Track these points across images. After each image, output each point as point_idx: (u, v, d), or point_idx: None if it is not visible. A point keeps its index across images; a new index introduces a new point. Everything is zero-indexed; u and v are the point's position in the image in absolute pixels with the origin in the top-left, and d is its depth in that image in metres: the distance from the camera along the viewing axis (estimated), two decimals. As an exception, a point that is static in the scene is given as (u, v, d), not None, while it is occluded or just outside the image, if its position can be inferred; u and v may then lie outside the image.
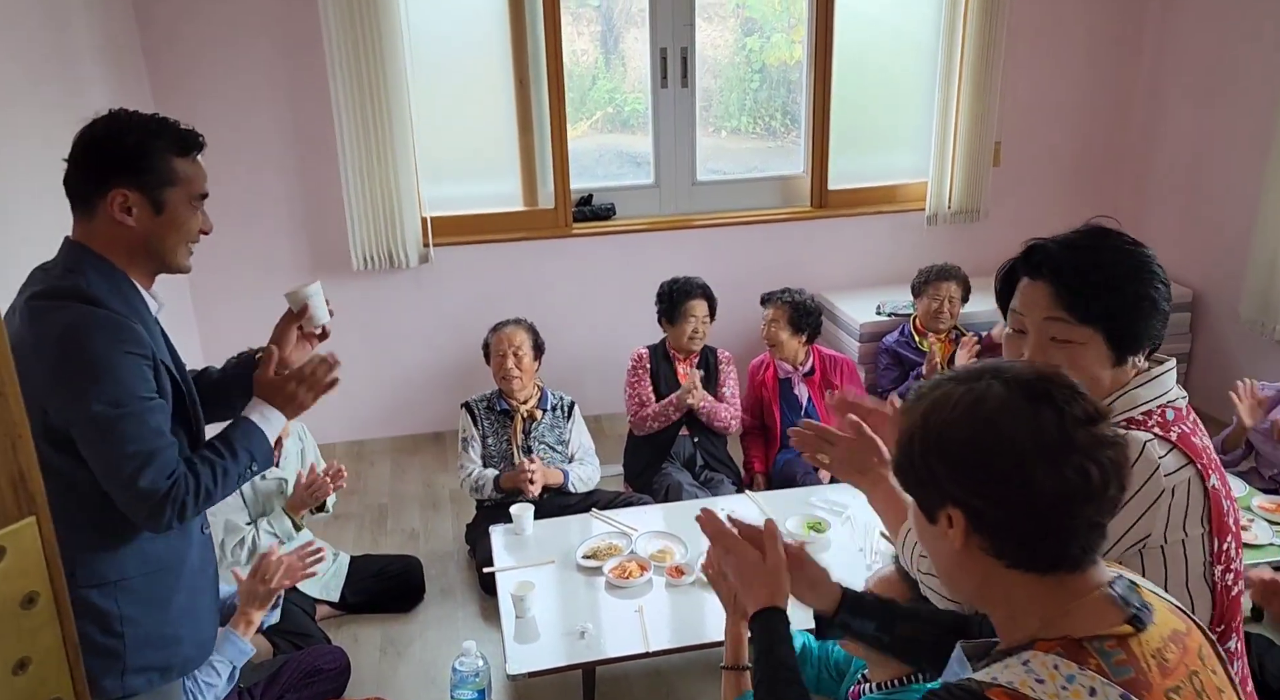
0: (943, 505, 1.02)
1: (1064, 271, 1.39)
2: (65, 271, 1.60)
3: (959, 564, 1.04)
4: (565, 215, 4.29)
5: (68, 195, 1.63)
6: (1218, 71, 4.23)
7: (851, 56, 4.38)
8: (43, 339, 1.53)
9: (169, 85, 3.77)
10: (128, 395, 1.56)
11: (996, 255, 5.48)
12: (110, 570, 1.65)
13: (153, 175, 1.60)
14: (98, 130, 1.60)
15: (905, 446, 1.05)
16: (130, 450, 1.56)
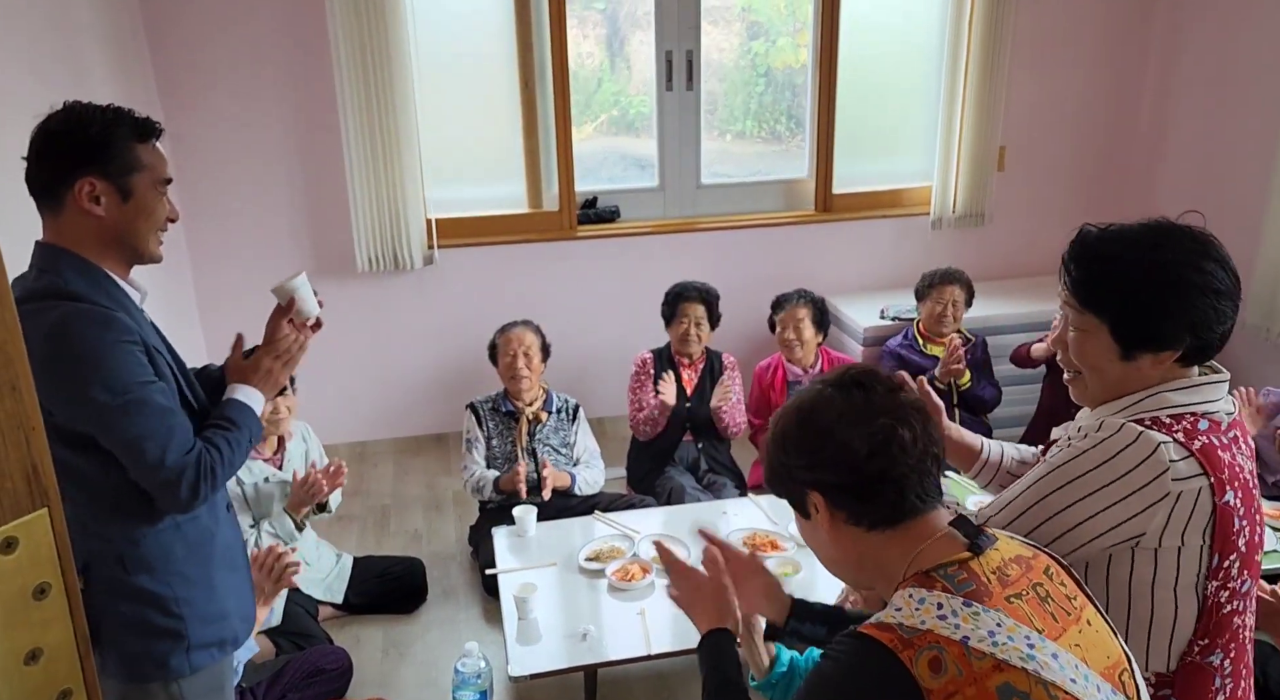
0: (804, 494, 1.22)
1: (1079, 257, 1.40)
2: (40, 272, 1.60)
3: (836, 544, 1.23)
4: (570, 218, 4.29)
5: (32, 193, 1.62)
6: (1224, 78, 4.24)
7: (856, 60, 4.39)
8: (31, 342, 1.53)
9: (175, 88, 3.78)
10: (127, 383, 1.56)
11: (1000, 260, 5.55)
12: (156, 556, 1.69)
13: (117, 162, 1.60)
14: (56, 123, 1.59)
15: (767, 459, 1.26)
16: (144, 433, 1.57)
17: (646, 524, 3.06)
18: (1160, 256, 1.35)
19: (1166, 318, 1.34)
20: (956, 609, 1.08)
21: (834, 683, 1.12)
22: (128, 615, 1.68)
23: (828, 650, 1.15)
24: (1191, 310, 1.33)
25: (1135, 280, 1.35)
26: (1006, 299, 4.39)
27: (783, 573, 2.75)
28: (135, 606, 1.68)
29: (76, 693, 0.87)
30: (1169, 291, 1.34)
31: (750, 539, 2.93)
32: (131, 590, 1.67)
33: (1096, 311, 1.38)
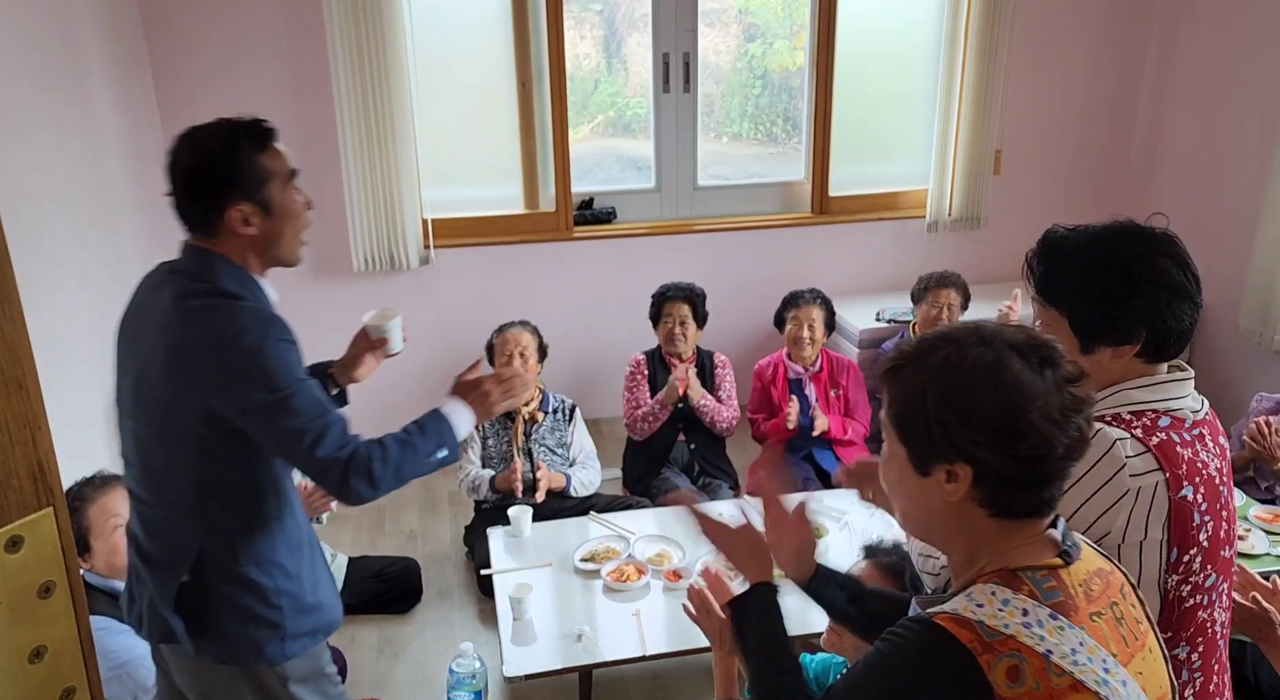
0: (949, 461, 1.08)
1: (1042, 254, 1.46)
2: (201, 271, 1.71)
3: (942, 514, 1.12)
4: (566, 218, 4.30)
5: (184, 220, 1.73)
6: (1220, 83, 4.26)
7: (853, 63, 4.40)
8: (201, 336, 1.65)
9: (172, 85, 3.77)
10: (286, 379, 1.65)
11: (996, 263, 5.57)
12: (265, 550, 1.77)
13: (251, 179, 1.70)
14: (185, 158, 1.70)
15: (915, 404, 1.09)
16: (300, 425, 1.65)
17: (641, 525, 3.07)
18: (1113, 250, 1.40)
19: (1118, 310, 1.39)
20: (1043, 620, 1.04)
21: (899, 671, 1.07)
22: (233, 602, 1.76)
23: (891, 633, 1.09)
24: (1143, 303, 1.38)
25: (1089, 273, 1.40)
26: (1002, 302, 4.40)
27: (778, 574, 2.75)
28: (240, 594, 1.76)
29: (80, 690, 0.87)
30: (1120, 284, 1.39)
31: (745, 540, 2.93)
32: (238, 578, 1.75)
33: (1056, 305, 1.43)
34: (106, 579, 2.21)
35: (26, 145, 2.55)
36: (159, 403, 1.71)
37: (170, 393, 1.68)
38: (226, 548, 1.75)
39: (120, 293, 3.18)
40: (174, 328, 1.66)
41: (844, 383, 3.66)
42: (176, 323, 1.66)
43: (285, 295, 2.06)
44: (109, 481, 2.28)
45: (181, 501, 1.73)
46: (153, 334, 1.70)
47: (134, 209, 3.39)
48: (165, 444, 1.73)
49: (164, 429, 1.72)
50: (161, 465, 1.75)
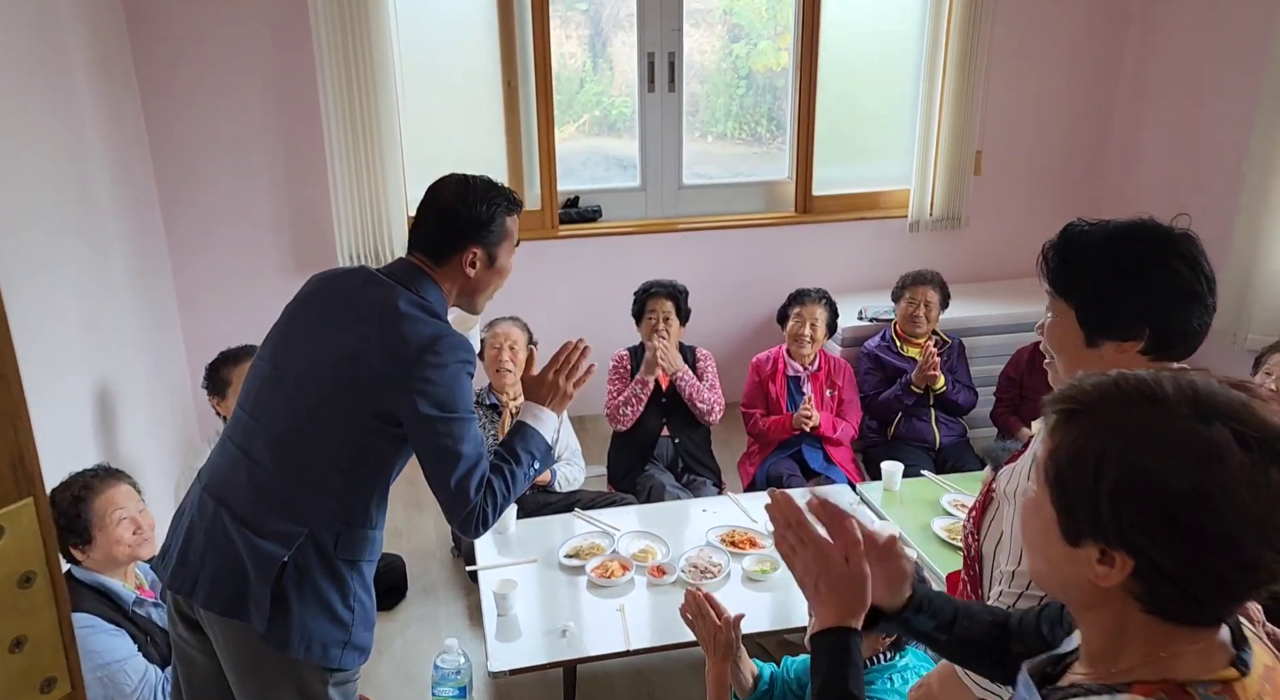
0: (1106, 543, 0.89)
1: (1059, 246, 1.46)
2: (417, 288, 1.86)
3: (1083, 589, 0.93)
4: (552, 217, 4.31)
5: (423, 245, 1.91)
6: (1195, 86, 4.32)
7: (836, 65, 4.43)
8: (412, 345, 1.77)
9: (157, 84, 3.77)
10: (463, 405, 1.80)
11: (977, 262, 5.61)
12: (358, 549, 1.85)
13: (495, 236, 1.91)
14: (452, 198, 1.90)
15: (1086, 469, 0.89)
16: (461, 451, 1.78)
17: (626, 521, 3.08)
18: (1126, 248, 1.41)
19: (1124, 306, 1.39)
20: None
21: None
22: (321, 592, 1.80)
23: None
24: (1149, 302, 1.39)
25: (1099, 268, 1.41)
26: (983, 301, 4.45)
27: (759, 570, 2.78)
28: (328, 586, 1.81)
29: (60, 680, 0.88)
30: (1128, 281, 1.39)
31: (729, 535, 2.96)
32: (331, 570, 1.81)
33: (1066, 297, 1.45)
34: (98, 574, 2.21)
35: (10, 152, 2.54)
36: (339, 384, 1.78)
37: (357, 380, 1.77)
38: (330, 536, 1.80)
39: (106, 296, 3.18)
40: (391, 326, 1.78)
41: (839, 383, 3.69)
42: (395, 323, 1.78)
43: (268, 291, 2.09)
44: (114, 474, 2.30)
45: (313, 477, 1.80)
46: (357, 323, 1.80)
47: (118, 216, 3.38)
48: (324, 420, 1.79)
49: (331, 407, 1.79)
50: (309, 437, 1.80)
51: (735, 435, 4.09)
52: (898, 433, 3.80)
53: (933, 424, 3.78)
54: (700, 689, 2.80)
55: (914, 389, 3.71)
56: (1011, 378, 3.83)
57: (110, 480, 2.26)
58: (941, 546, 2.87)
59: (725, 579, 2.77)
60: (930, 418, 3.79)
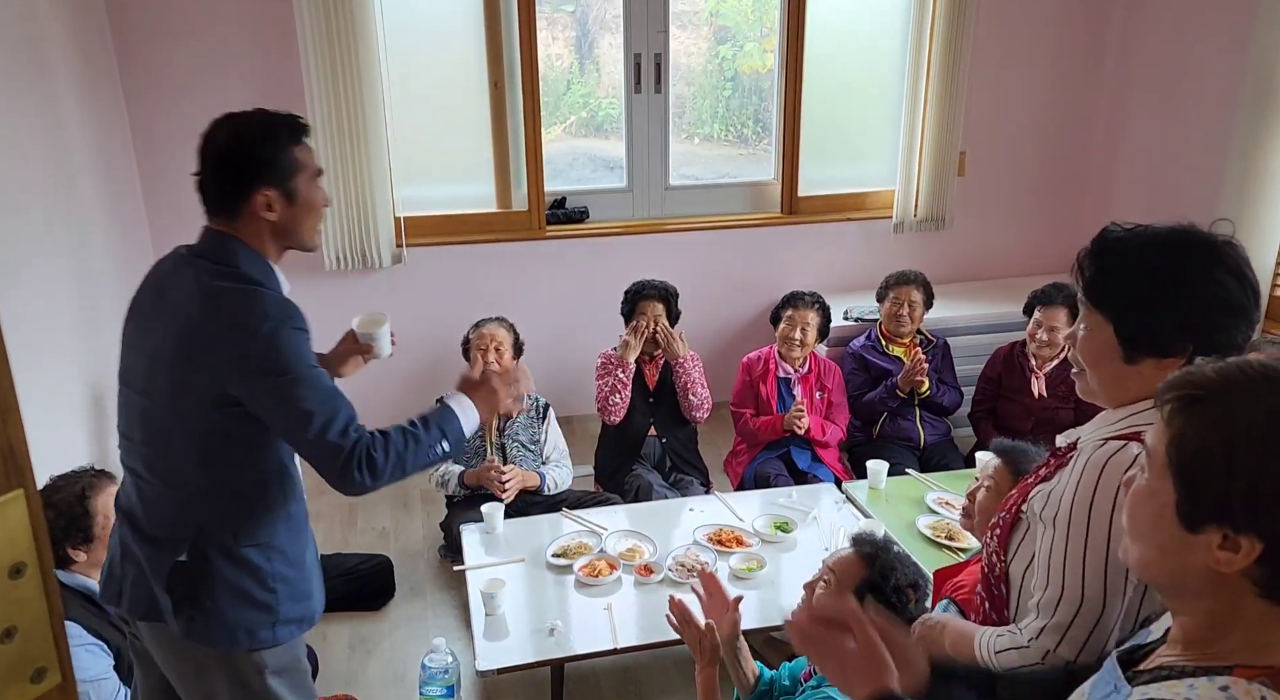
0: (1233, 528, 0.90)
1: (1095, 254, 1.39)
2: (223, 255, 1.75)
3: (1199, 575, 0.93)
4: (539, 218, 4.32)
5: (206, 201, 1.78)
6: (1178, 84, 4.37)
7: (822, 66, 4.46)
8: (223, 319, 1.69)
9: (141, 84, 3.76)
10: (299, 364, 1.69)
11: (961, 263, 5.64)
12: (264, 532, 1.80)
13: (283, 168, 1.76)
14: (222, 141, 1.75)
15: (1216, 454, 0.90)
16: (309, 409, 1.67)
17: (613, 520, 3.09)
18: (1168, 260, 1.32)
19: (1167, 322, 1.31)
20: None
21: None
22: (229, 583, 1.77)
23: None
24: (1193, 317, 1.30)
25: (1140, 281, 1.33)
26: (967, 301, 4.49)
27: (746, 568, 2.80)
28: (238, 575, 1.78)
29: (51, 670, 0.89)
30: (1171, 295, 1.31)
31: (716, 534, 2.97)
32: (237, 559, 1.77)
33: (1103, 310, 1.36)
34: (82, 577, 2.20)
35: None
36: (173, 381, 1.73)
37: (186, 372, 1.70)
38: (228, 528, 1.77)
39: (91, 293, 3.17)
40: (197, 309, 1.69)
41: (829, 386, 3.70)
42: (200, 304, 1.69)
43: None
44: (108, 476, 2.30)
45: (187, 480, 1.76)
46: (172, 313, 1.73)
47: (103, 216, 3.38)
48: (176, 423, 1.74)
49: (176, 408, 1.74)
50: (169, 444, 1.76)
51: (722, 434, 4.11)
52: (883, 431, 3.82)
53: (917, 423, 3.81)
54: (688, 687, 2.82)
55: (899, 393, 3.73)
56: (989, 378, 3.86)
57: (106, 481, 2.27)
58: (927, 544, 2.90)
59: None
60: (915, 416, 3.82)
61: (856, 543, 2.04)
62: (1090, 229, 1.80)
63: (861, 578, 1.96)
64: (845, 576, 1.98)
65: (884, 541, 2.03)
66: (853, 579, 1.97)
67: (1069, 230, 4.95)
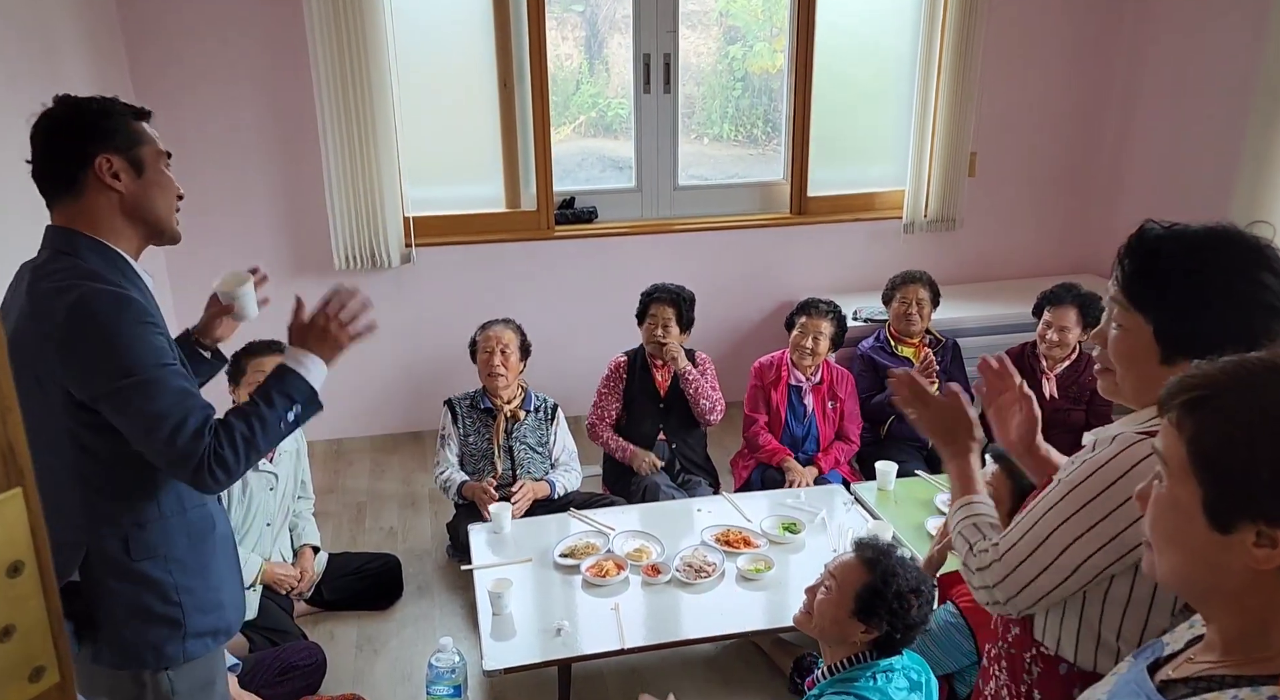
0: (1270, 522, 0.88)
1: (1134, 252, 1.36)
2: (58, 254, 1.62)
3: (1234, 576, 0.91)
4: (547, 218, 4.32)
5: (44, 185, 1.65)
6: (1188, 88, 4.33)
7: (832, 66, 4.45)
8: (50, 322, 1.55)
9: (151, 84, 3.77)
10: (144, 364, 1.57)
11: (971, 264, 5.61)
12: (160, 543, 1.70)
13: (124, 136, 1.64)
14: (56, 113, 1.64)
15: (1239, 445, 0.89)
16: (158, 412, 1.57)
17: (621, 521, 3.09)
18: (1211, 259, 1.31)
19: (1207, 324, 1.29)
20: None
21: None
22: (127, 600, 1.68)
23: None
24: (1235, 319, 1.28)
25: (1181, 282, 1.31)
26: (977, 302, 4.46)
27: (754, 569, 2.79)
28: (135, 591, 1.69)
29: (50, 669, 0.88)
30: (1215, 297, 1.29)
31: (723, 535, 2.96)
32: (133, 575, 1.68)
33: (1142, 310, 1.34)
34: None
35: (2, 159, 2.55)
36: (26, 399, 1.59)
37: (29, 389, 1.56)
38: (117, 543, 1.67)
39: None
40: (23, 320, 1.58)
41: (841, 395, 3.67)
42: (26, 312, 1.57)
43: (265, 294, 2.08)
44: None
45: (65, 500, 1.66)
46: (12, 330, 1.59)
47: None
48: (43, 443, 1.61)
49: (36, 424, 1.57)
50: (47, 460, 1.63)
51: (730, 435, 4.09)
52: (891, 431, 3.80)
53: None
54: (695, 688, 2.81)
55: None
56: None
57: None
58: (935, 545, 2.88)
59: (719, 578, 2.78)
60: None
61: (858, 548, 2.03)
62: (1102, 230, 1.78)
63: (863, 583, 1.95)
64: (846, 581, 1.98)
65: (886, 546, 2.02)
66: (854, 584, 1.96)
67: (1080, 231, 4.93)
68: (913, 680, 1.96)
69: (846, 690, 1.91)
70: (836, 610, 1.97)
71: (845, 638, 1.97)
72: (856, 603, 1.94)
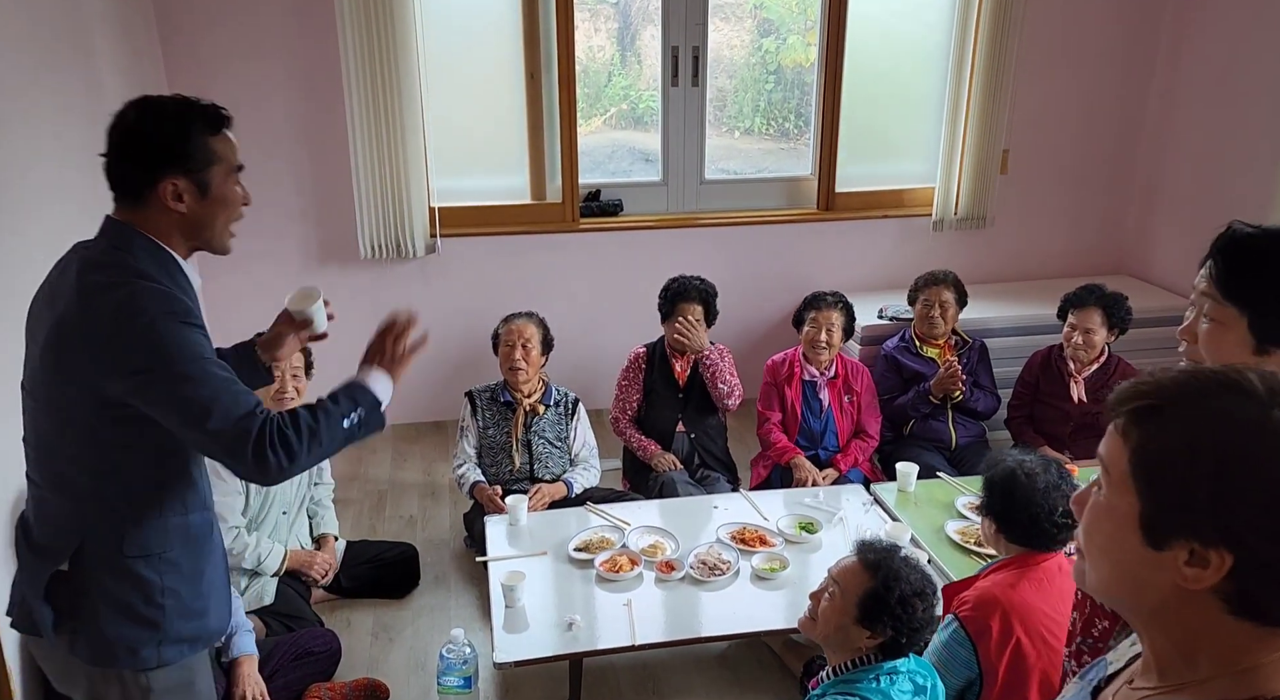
0: (1203, 542, 0.84)
1: (1227, 249, 1.42)
2: (112, 248, 1.64)
3: (1161, 593, 0.88)
4: (572, 210, 4.31)
5: (112, 185, 1.67)
6: (1230, 85, 4.22)
7: (863, 60, 4.39)
8: (98, 316, 1.57)
9: (183, 74, 3.81)
10: (186, 357, 1.58)
11: (1001, 263, 5.54)
12: (155, 542, 1.70)
13: (196, 159, 1.64)
14: (132, 121, 1.63)
15: (1179, 459, 0.85)
16: (203, 398, 1.57)
17: (637, 516, 3.08)
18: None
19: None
20: None
21: None
22: (112, 596, 1.68)
23: None
24: None
25: (1276, 275, 1.38)
26: (1007, 302, 4.40)
27: (769, 568, 2.77)
28: (122, 587, 1.69)
29: None
30: None
31: (739, 533, 2.95)
32: (122, 570, 1.68)
33: (1237, 304, 1.41)
34: None
35: (30, 128, 2.58)
36: (51, 385, 1.64)
37: (61, 376, 1.61)
38: (113, 537, 1.67)
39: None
40: (71, 309, 1.59)
41: (858, 389, 3.63)
42: (73, 303, 1.58)
43: (291, 282, 2.09)
44: None
45: (69, 486, 1.68)
46: (52, 315, 1.62)
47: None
48: (56, 427, 1.66)
49: (56, 411, 1.65)
50: (53, 448, 1.68)
51: (751, 433, 4.07)
52: (913, 431, 3.76)
53: (949, 424, 3.74)
54: (706, 685, 2.80)
55: (931, 398, 3.66)
56: (1027, 382, 3.78)
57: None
58: (955, 550, 2.84)
59: (734, 576, 2.77)
60: (947, 418, 3.75)
61: (860, 550, 2.00)
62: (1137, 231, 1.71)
63: (866, 589, 1.92)
64: (849, 587, 1.95)
65: (889, 547, 1.98)
66: (857, 590, 1.93)
67: (1114, 231, 4.83)
68: (918, 684, 1.94)
69: (849, 691, 1.89)
70: (840, 617, 1.95)
71: (850, 643, 1.95)
72: (860, 609, 1.91)
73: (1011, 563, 2.16)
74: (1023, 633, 2.04)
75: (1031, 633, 2.04)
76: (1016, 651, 2.03)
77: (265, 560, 2.88)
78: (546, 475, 3.40)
